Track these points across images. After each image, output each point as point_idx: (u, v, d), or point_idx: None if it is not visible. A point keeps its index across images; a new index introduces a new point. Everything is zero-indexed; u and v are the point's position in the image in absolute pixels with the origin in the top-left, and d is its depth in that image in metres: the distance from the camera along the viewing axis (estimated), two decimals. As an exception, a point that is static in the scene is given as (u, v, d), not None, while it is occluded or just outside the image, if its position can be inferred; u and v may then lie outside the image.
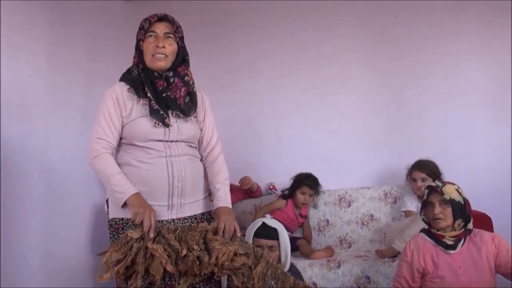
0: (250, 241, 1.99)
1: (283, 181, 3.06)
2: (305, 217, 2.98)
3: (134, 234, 1.52)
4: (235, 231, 1.65)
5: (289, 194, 2.91)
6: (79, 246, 2.80)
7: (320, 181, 3.21)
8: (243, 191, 3.06)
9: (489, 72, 3.06)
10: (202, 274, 1.54)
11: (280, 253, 2.02)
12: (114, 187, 1.62)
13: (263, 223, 2.03)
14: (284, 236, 2.04)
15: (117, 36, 3.32)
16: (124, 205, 1.61)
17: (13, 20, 2.36)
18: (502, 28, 3.06)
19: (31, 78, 2.49)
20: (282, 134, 3.36)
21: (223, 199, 1.73)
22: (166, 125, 1.68)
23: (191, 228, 1.59)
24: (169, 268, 1.49)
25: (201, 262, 1.53)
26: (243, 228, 2.96)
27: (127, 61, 3.57)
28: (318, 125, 3.30)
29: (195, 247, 1.54)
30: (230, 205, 1.73)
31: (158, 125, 1.67)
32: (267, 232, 2.00)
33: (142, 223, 1.54)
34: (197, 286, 1.69)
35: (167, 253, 1.51)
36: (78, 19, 2.89)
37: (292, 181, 2.93)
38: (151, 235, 1.53)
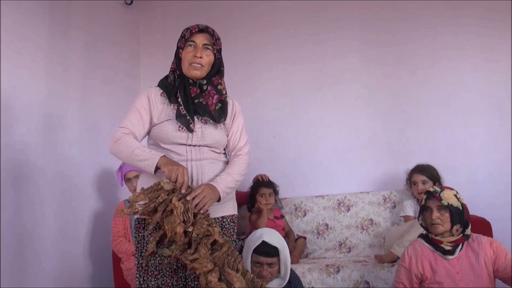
0: (249, 257, 1.98)
1: (282, 186, 3.05)
2: (282, 216, 2.98)
3: (166, 185, 1.58)
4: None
5: (252, 204, 2.91)
6: (78, 251, 2.79)
7: (319, 185, 3.23)
8: (242, 196, 3.05)
9: (489, 75, 3.05)
10: (180, 258, 1.57)
11: (279, 267, 2.02)
12: (140, 157, 1.66)
13: (263, 241, 1.99)
14: (285, 252, 2.02)
15: (117, 39, 3.33)
16: (156, 170, 1.64)
17: (13, 23, 2.37)
18: (502, 30, 3.05)
19: (30, 83, 2.49)
20: (281, 139, 3.36)
21: (218, 181, 1.72)
22: (190, 130, 1.73)
23: (206, 218, 1.61)
24: (178, 230, 1.53)
25: (188, 247, 1.56)
26: (242, 234, 2.97)
27: (127, 65, 3.60)
28: (317, 129, 3.30)
29: (194, 234, 1.56)
30: (219, 189, 1.69)
31: (182, 129, 1.73)
32: (267, 250, 1.97)
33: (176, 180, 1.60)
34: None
35: (184, 219, 1.55)
36: (77, 23, 2.90)
37: (250, 194, 2.94)
38: (183, 190, 1.59)
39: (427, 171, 2.74)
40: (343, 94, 3.30)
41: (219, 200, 1.70)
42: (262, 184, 2.93)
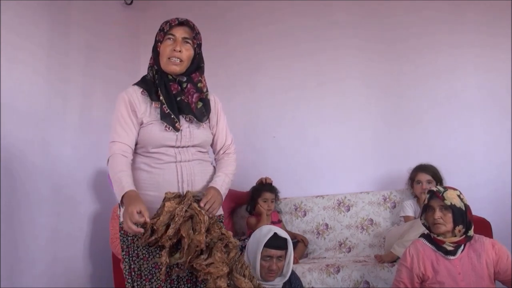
0: (259, 251, 1.97)
1: (282, 186, 3.05)
2: (279, 221, 2.98)
3: (169, 194, 1.56)
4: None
5: (253, 207, 2.89)
6: (78, 251, 2.79)
7: (319, 185, 3.22)
8: (243, 196, 3.05)
9: (490, 75, 3.04)
10: (190, 263, 1.55)
11: (284, 262, 2.03)
12: (115, 185, 1.61)
13: (275, 233, 2.00)
14: (291, 246, 2.05)
15: (117, 38, 3.33)
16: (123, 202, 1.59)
17: (13, 22, 2.37)
18: (503, 30, 3.03)
19: (30, 83, 2.49)
20: (281, 139, 3.36)
21: (218, 183, 1.70)
22: (176, 130, 1.68)
23: (217, 222, 1.61)
24: (201, 237, 1.50)
25: (200, 253, 1.54)
26: (242, 234, 2.96)
27: (127, 65, 3.59)
28: (317, 130, 3.30)
29: (208, 239, 1.55)
30: (221, 191, 1.69)
31: (169, 129, 1.68)
32: (278, 243, 1.99)
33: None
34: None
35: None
36: (78, 22, 2.90)
37: (251, 196, 2.93)
38: (142, 230, 1.52)
39: (431, 171, 2.75)
40: (343, 93, 3.29)
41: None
42: (266, 188, 2.91)
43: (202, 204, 1.58)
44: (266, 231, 2.03)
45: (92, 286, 2.84)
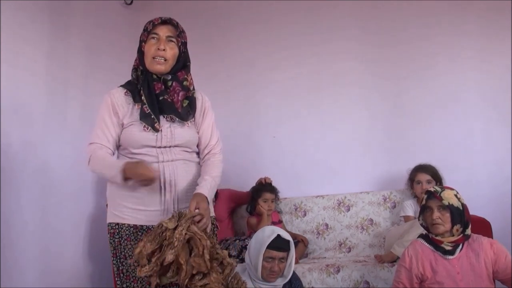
0: (262, 253, 1.97)
1: (282, 186, 3.05)
2: (280, 221, 2.98)
3: (170, 224, 1.48)
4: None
5: (253, 207, 2.90)
6: (77, 251, 2.79)
7: (319, 185, 3.23)
8: (243, 196, 3.05)
9: (489, 76, 3.05)
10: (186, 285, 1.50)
11: (286, 264, 2.04)
12: (106, 173, 1.64)
13: (278, 235, 2.01)
14: (293, 247, 2.06)
15: (117, 41, 3.33)
16: (126, 180, 1.60)
17: (13, 24, 2.37)
18: (502, 31, 3.04)
19: (30, 84, 2.49)
20: (281, 139, 3.36)
21: (205, 188, 1.66)
22: (156, 130, 1.66)
23: (210, 239, 1.56)
24: (201, 260, 1.46)
25: (195, 274, 1.49)
26: (242, 234, 2.97)
27: (127, 67, 3.58)
28: (317, 130, 3.30)
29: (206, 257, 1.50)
30: (208, 197, 1.65)
31: (147, 129, 1.66)
32: (280, 244, 2.00)
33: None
34: None
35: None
36: (77, 23, 2.90)
37: (251, 196, 2.93)
38: (155, 180, 1.57)
39: (430, 170, 2.76)
40: (343, 94, 3.29)
41: None
42: (266, 188, 2.92)
43: (200, 225, 1.53)
44: (269, 232, 2.03)
45: (92, 284, 2.84)
